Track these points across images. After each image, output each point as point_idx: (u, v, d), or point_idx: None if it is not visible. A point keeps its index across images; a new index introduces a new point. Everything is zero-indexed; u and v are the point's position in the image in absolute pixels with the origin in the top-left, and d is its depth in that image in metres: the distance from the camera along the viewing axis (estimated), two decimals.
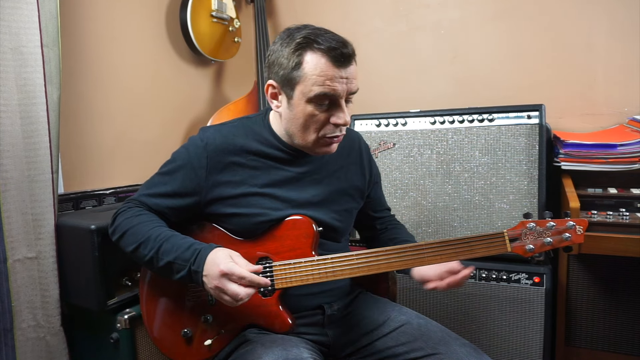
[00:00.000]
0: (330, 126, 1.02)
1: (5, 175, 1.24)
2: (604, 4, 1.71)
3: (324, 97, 0.98)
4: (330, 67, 0.97)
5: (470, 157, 1.57)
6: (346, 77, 0.99)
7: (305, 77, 0.98)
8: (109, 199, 1.60)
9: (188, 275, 0.97)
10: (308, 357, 0.92)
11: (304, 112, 1.00)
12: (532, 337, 1.45)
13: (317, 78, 0.97)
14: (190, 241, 1.00)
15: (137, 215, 1.05)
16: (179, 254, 0.97)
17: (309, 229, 1.05)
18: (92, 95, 1.65)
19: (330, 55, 0.97)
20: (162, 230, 1.02)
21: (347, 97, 1.02)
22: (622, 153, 1.42)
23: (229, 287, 0.91)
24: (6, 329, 1.26)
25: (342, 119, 1.00)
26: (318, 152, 1.07)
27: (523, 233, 0.96)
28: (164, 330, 1.09)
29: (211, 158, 1.06)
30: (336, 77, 0.97)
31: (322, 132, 1.02)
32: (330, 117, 1.01)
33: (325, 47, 0.96)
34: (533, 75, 1.85)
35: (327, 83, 0.97)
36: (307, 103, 0.99)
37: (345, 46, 0.98)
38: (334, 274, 1.01)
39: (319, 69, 0.97)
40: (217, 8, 2.03)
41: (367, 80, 2.17)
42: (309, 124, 1.01)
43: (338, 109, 1.00)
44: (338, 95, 0.99)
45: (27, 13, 1.26)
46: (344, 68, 0.98)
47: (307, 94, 0.98)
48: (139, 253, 1.01)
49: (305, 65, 0.98)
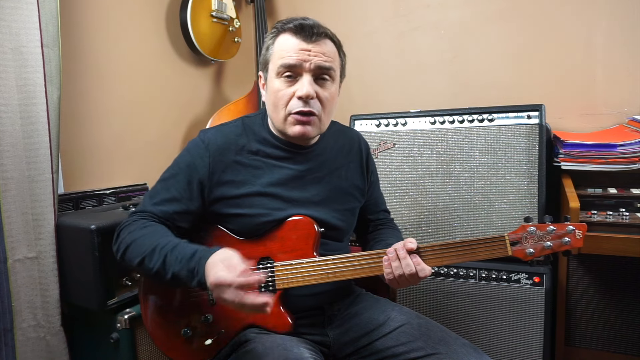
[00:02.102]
0: (295, 100, 1.03)
1: (5, 175, 1.24)
2: (603, 4, 1.71)
3: (288, 68, 1.02)
4: (295, 41, 1.03)
5: (470, 157, 1.57)
6: (310, 50, 1.02)
7: (274, 54, 1.05)
8: (109, 199, 1.60)
9: (197, 286, 0.93)
10: (308, 357, 0.92)
11: (273, 88, 1.05)
12: (532, 337, 1.45)
13: (282, 52, 1.03)
14: (193, 248, 0.96)
15: (142, 228, 1.02)
16: (183, 265, 0.94)
17: (311, 230, 1.05)
18: (92, 95, 1.65)
19: (295, 31, 1.03)
20: (167, 241, 0.98)
21: (318, 73, 1.04)
22: (622, 153, 1.42)
23: (224, 297, 0.87)
24: (6, 329, 1.26)
25: (302, 91, 1.01)
26: (290, 133, 1.06)
27: (523, 237, 0.97)
28: (164, 330, 1.09)
29: (213, 158, 1.06)
30: (298, 48, 1.02)
31: (288, 108, 1.04)
32: (295, 91, 1.03)
33: (293, 25, 1.03)
34: (533, 75, 1.85)
35: (288, 54, 1.02)
36: (276, 78, 1.04)
37: (314, 24, 1.04)
38: (336, 274, 1.01)
39: (284, 43, 1.04)
40: (217, 8, 2.03)
41: (367, 80, 2.17)
42: (277, 100, 1.04)
43: (300, 82, 1.03)
44: (299, 65, 1.02)
45: (27, 13, 1.26)
46: (310, 42, 1.02)
47: (274, 69, 1.04)
48: (144, 266, 0.98)
49: (275, 45, 1.05)
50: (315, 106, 1.04)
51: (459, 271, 1.54)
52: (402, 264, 0.95)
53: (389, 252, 0.98)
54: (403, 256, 0.96)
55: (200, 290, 1.07)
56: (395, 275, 0.96)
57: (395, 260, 0.96)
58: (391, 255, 0.97)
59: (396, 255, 0.96)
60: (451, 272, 1.55)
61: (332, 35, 1.08)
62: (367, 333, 1.08)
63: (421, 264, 0.95)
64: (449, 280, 1.55)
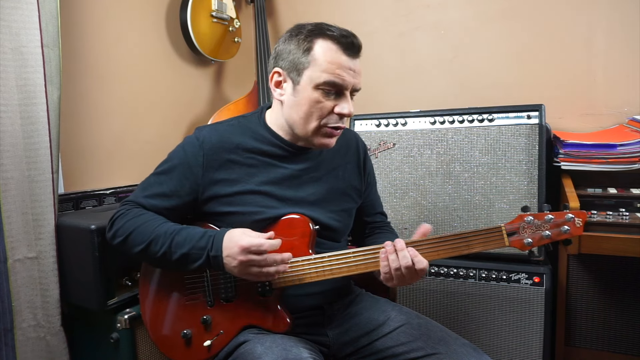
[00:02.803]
0: (333, 116, 1.02)
1: (5, 175, 1.24)
2: (603, 4, 1.71)
3: (333, 85, 1.00)
4: (341, 55, 0.99)
5: (470, 157, 1.57)
6: (354, 70, 1.01)
7: (315, 62, 1.00)
8: (109, 199, 1.60)
9: (206, 262, 0.98)
10: (308, 357, 0.92)
11: (310, 98, 1.01)
12: (532, 337, 1.45)
13: (328, 65, 0.99)
14: (202, 230, 1.01)
15: (140, 215, 1.04)
16: (194, 244, 0.98)
17: (306, 228, 1.05)
18: (92, 95, 1.65)
19: (341, 42, 0.99)
20: (170, 225, 1.02)
21: (352, 92, 1.04)
22: (622, 153, 1.42)
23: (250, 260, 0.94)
24: (6, 329, 1.26)
25: (347, 110, 1.01)
26: (317, 143, 1.06)
27: (521, 227, 0.95)
28: (163, 330, 1.09)
29: (207, 156, 1.06)
30: (346, 67, 1.00)
31: (324, 121, 1.03)
32: (335, 106, 1.02)
33: (337, 34, 0.99)
34: (533, 75, 1.85)
35: (337, 72, 0.99)
36: (315, 89, 1.00)
37: (356, 37, 1.01)
38: (332, 272, 1.01)
39: (330, 55, 0.99)
40: (217, 8, 2.03)
41: (367, 80, 2.15)
42: (312, 110, 1.02)
43: (344, 99, 1.02)
44: (345, 86, 1.00)
45: (27, 13, 1.26)
46: (353, 59, 1.01)
47: (315, 79, 0.99)
48: (149, 251, 1.00)
49: (317, 51, 1.00)
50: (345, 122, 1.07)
51: (459, 271, 1.53)
52: (399, 255, 0.95)
53: (387, 245, 0.97)
54: (400, 247, 0.95)
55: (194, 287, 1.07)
56: (392, 268, 0.95)
57: (392, 252, 0.96)
58: (388, 248, 0.97)
59: (393, 247, 0.96)
60: (451, 272, 1.55)
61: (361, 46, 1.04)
62: (367, 333, 1.08)
63: (418, 256, 0.95)
64: (449, 280, 1.55)
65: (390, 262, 0.96)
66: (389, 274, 0.96)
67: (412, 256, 0.94)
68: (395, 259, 0.95)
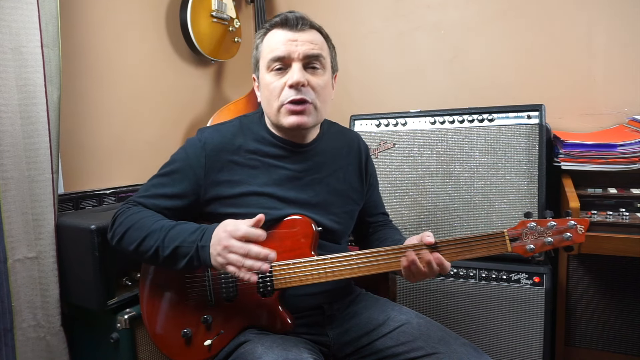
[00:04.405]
0: (287, 90, 1.03)
1: (5, 175, 1.24)
2: (603, 4, 1.71)
3: (277, 60, 1.03)
4: (281, 33, 1.05)
5: (470, 157, 1.57)
6: (297, 40, 1.03)
7: (263, 51, 1.07)
8: (109, 199, 1.60)
9: (196, 254, 0.95)
10: (308, 357, 0.92)
11: (265, 82, 1.06)
12: (532, 337, 1.45)
13: (270, 46, 1.05)
14: (196, 225, 1.00)
15: (138, 212, 1.05)
16: (185, 237, 0.97)
17: (308, 229, 1.05)
18: (92, 95, 1.65)
19: (281, 24, 1.05)
20: (166, 222, 1.02)
21: (307, 61, 1.04)
22: (622, 153, 1.42)
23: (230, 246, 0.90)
24: (6, 329, 1.26)
25: (292, 79, 1.02)
26: (285, 124, 1.05)
27: (523, 233, 0.96)
28: (164, 330, 1.09)
29: (209, 157, 1.06)
30: (284, 39, 1.03)
31: (280, 99, 1.04)
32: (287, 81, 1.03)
33: (279, 19, 1.05)
34: (533, 75, 1.85)
35: (276, 47, 1.03)
36: (267, 73, 1.06)
37: (299, 16, 1.05)
38: (334, 274, 1.01)
39: (273, 39, 1.05)
40: (217, 8, 2.03)
41: (367, 80, 2.17)
42: (270, 93, 1.05)
43: (291, 70, 1.03)
44: (288, 56, 1.03)
45: (27, 13, 1.26)
46: (296, 31, 1.04)
47: (265, 65, 1.06)
48: (143, 247, 1.00)
49: (264, 42, 1.07)
50: (308, 94, 1.03)
51: (459, 271, 1.53)
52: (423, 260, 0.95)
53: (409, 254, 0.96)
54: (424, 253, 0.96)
55: (194, 286, 1.07)
56: (414, 271, 0.96)
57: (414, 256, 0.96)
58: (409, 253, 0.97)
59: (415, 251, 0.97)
60: (451, 272, 1.55)
61: (319, 27, 1.09)
62: (367, 333, 1.08)
63: (441, 259, 0.95)
64: (449, 280, 1.55)
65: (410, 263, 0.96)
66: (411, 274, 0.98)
67: (435, 259, 0.95)
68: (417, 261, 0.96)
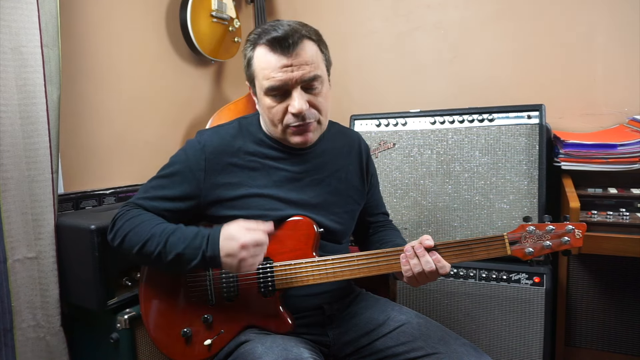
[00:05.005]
0: (289, 116, 1.02)
1: (5, 175, 1.24)
2: (604, 4, 1.71)
3: (274, 89, 1.00)
4: (272, 57, 0.99)
5: (470, 157, 1.57)
6: (291, 65, 0.98)
7: (256, 73, 1.03)
8: (109, 199, 1.60)
9: (202, 262, 0.96)
10: (308, 357, 0.92)
11: (265, 105, 1.04)
12: (532, 337, 1.45)
13: (264, 71, 1.00)
14: (195, 229, 1.00)
15: (138, 215, 1.04)
16: (188, 243, 0.97)
17: (310, 230, 1.05)
18: (92, 95, 1.65)
19: (271, 46, 0.99)
20: (166, 225, 1.01)
21: (305, 84, 1.00)
22: (622, 153, 1.42)
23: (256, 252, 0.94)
24: (6, 329, 1.26)
25: (295, 108, 1.00)
26: (293, 142, 1.06)
27: (523, 236, 0.97)
28: (163, 329, 1.09)
29: (209, 160, 1.06)
30: (278, 66, 0.98)
31: (285, 123, 1.03)
32: (288, 106, 1.01)
33: (267, 39, 0.99)
34: (533, 75, 1.85)
35: (271, 75, 0.99)
36: (265, 96, 1.03)
37: (286, 33, 0.97)
38: (335, 274, 1.01)
39: (264, 61, 1.00)
40: (217, 8, 2.03)
41: (367, 80, 2.17)
42: (271, 116, 1.04)
43: (291, 97, 1.00)
44: (285, 84, 0.99)
45: (27, 13, 1.26)
46: (287, 56, 0.98)
47: (261, 88, 1.03)
48: (145, 251, 1.00)
49: (255, 61, 1.03)
50: (311, 115, 1.03)
51: (459, 271, 1.53)
52: (422, 261, 0.95)
53: (407, 250, 0.97)
54: (422, 254, 0.95)
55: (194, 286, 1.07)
56: (415, 272, 0.96)
57: (413, 257, 0.96)
58: (409, 253, 0.97)
59: (414, 253, 0.96)
60: (451, 272, 1.55)
61: (307, 33, 1.01)
62: (367, 333, 1.08)
63: (441, 261, 0.95)
64: (449, 280, 1.55)
65: (412, 266, 0.96)
66: (413, 277, 0.97)
67: (435, 261, 0.95)
68: (417, 263, 0.96)
